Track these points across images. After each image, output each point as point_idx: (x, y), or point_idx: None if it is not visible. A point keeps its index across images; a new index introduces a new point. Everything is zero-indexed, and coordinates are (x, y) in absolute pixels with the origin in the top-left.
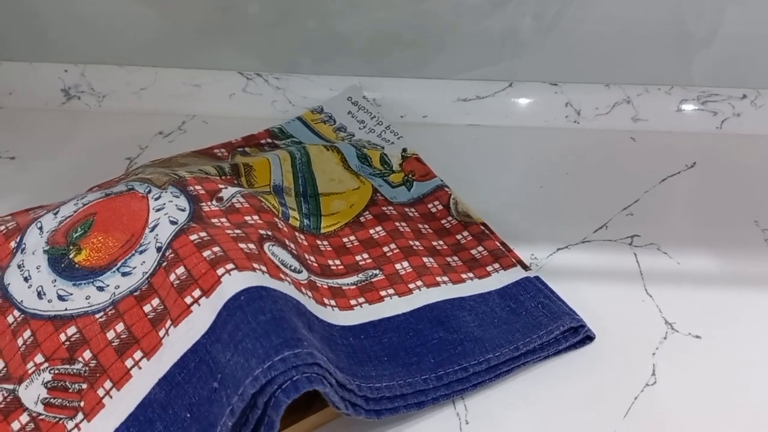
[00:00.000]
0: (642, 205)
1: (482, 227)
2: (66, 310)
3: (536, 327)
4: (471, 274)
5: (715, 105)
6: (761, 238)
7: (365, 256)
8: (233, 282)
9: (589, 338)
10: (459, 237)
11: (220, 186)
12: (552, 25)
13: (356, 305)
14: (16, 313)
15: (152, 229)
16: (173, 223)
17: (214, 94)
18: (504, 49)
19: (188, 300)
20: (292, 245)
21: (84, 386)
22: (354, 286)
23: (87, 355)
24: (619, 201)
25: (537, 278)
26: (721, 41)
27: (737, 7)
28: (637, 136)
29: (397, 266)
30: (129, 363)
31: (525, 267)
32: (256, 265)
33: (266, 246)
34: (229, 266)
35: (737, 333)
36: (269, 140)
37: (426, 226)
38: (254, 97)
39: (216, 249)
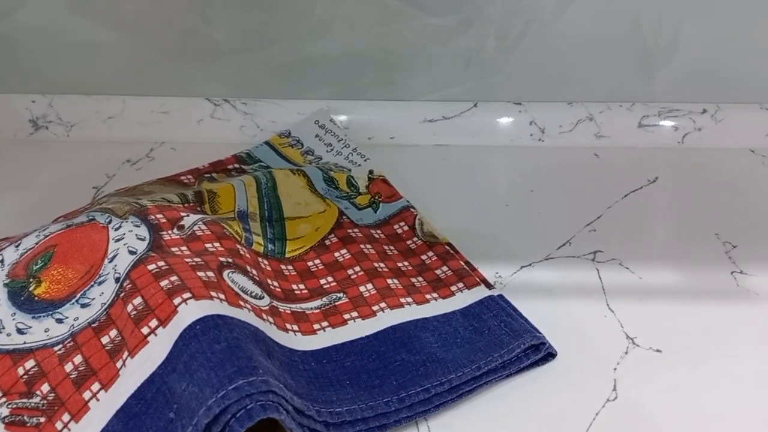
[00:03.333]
0: (605, 220)
1: (447, 247)
2: (24, 343)
3: (498, 345)
4: (435, 294)
5: (676, 120)
6: (722, 251)
7: (330, 279)
8: (189, 311)
9: (551, 355)
10: (424, 257)
11: (182, 214)
12: (514, 46)
13: (319, 329)
14: None
15: (111, 260)
16: (132, 252)
17: (182, 120)
18: (468, 70)
19: (145, 330)
20: (254, 271)
21: (42, 420)
22: (318, 310)
23: (45, 388)
24: (583, 217)
25: (500, 296)
26: (680, 58)
27: (695, 25)
28: (601, 152)
29: (362, 289)
30: (87, 395)
31: (489, 286)
32: (213, 294)
33: (226, 273)
34: (186, 295)
35: (697, 346)
36: (237, 165)
37: (391, 248)
38: (222, 123)
39: (174, 278)
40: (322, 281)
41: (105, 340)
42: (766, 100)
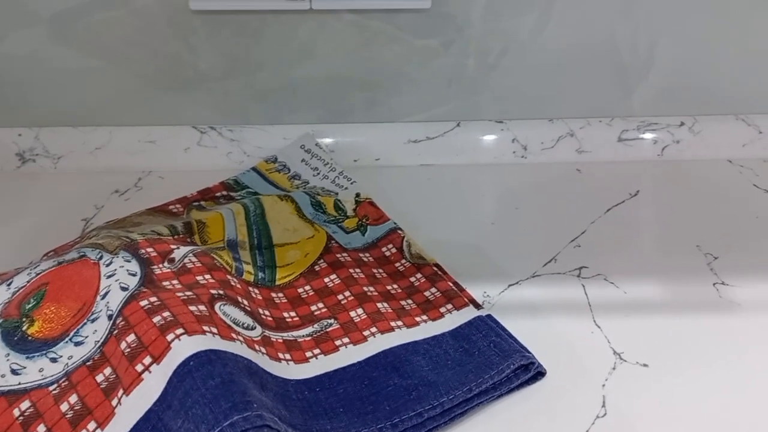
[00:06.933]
0: (589, 236)
1: (435, 268)
2: (19, 384)
3: (488, 367)
4: (425, 317)
5: (655, 133)
6: (704, 262)
7: (320, 305)
8: (183, 347)
9: (540, 374)
10: (413, 279)
11: (172, 246)
12: (494, 66)
13: (311, 357)
14: None
15: (103, 297)
16: (124, 289)
17: (169, 149)
18: (450, 90)
19: (139, 368)
20: (245, 302)
21: None
22: (309, 338)
23: (41, 429)
24: (567, 233)
25: (489, 316)
26: (657, 72)
27: (669, 40)
28: (582, 167)
29: (352, 314)
30: None
31: (477, 306)
32: (206, 328)
33: (217, 306)
34: (179, 331)
35: (683, 359)
36: (224, 192)
37: (380, 271)
38: (209, 150)
39: (166, 314)
40: (313, 308)
41: (100, 378)
42: (741, 110)
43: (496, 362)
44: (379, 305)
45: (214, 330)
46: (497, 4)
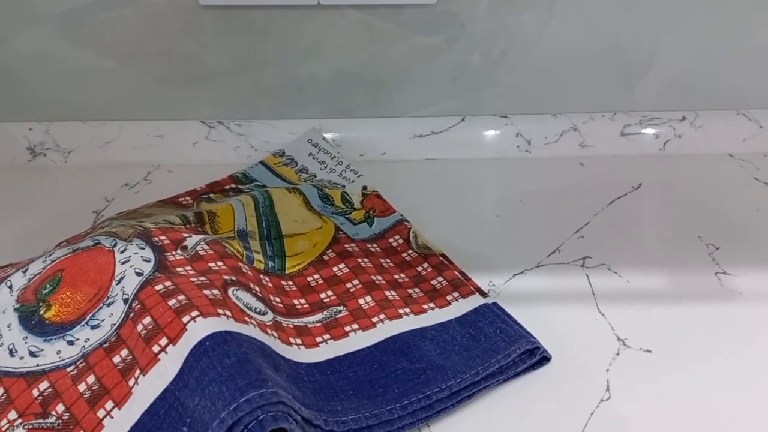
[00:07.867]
0: (592, 227)
1: (441, 258)
2: (38, 365)
3: (494, 351)
4: (432, 304)
5: (657, 128)
6: (705, 252)
7: (329, 293)
8: (198, 328)
9: (545, 359)
10: (419, 269)
11: (185, 235)
12: (498, 61)
13: (321, 342)
14: None
15: (119, 282)
16: (139, 274)
17: (177, 143)
18: (455, 86)
19: (155, 349)
20: (257, 288)
21: None
22: (319, 324)
23: (60, 408)
24: (571, 225)
25: (495, 304)
26: (659, 68)
27: (672, 36)
28: (585, 161)
29: (361, 301)
30: (101, 413)
31: (483, 294)
32: (220, 311)
33: (230, 291)
34: (194, 313)
35: (685, 345)
36: (233, 185)
37: (388, 260)
38: (217, 144)
39: (181, 297)
40: (322, 295)
41: (116, 359)
42: (742, 105)
43: (503, 347)
44: (387, 293)
45: (228, 313)
46: (501, 1)
